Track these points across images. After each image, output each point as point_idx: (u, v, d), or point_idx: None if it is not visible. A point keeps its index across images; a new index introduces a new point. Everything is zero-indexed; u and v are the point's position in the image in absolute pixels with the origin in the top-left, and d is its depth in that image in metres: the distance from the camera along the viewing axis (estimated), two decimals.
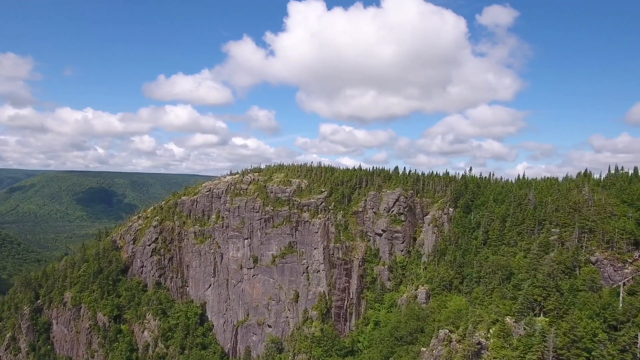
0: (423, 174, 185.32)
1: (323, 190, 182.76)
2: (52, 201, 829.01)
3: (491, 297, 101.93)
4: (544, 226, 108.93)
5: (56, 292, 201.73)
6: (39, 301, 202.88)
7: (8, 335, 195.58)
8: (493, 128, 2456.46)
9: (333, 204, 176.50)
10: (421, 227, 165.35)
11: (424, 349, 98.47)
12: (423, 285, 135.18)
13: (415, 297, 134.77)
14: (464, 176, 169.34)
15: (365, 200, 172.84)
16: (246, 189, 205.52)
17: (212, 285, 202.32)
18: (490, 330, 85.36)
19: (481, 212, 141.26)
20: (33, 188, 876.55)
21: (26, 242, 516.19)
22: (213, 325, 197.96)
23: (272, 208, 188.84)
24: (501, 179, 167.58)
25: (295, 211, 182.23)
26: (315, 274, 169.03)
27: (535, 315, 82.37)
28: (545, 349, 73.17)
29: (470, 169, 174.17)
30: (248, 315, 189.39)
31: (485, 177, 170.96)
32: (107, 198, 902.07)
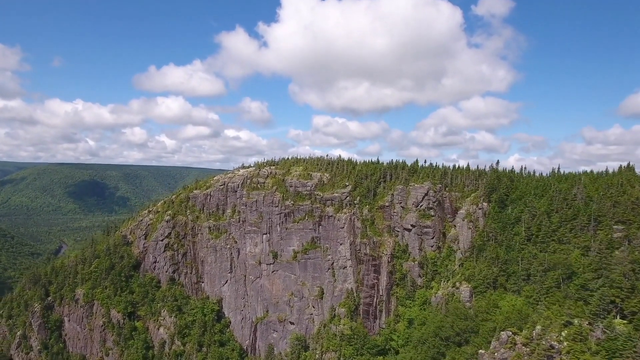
0: (451, 167, 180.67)
1: (347, 184, 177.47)
2: (44, 194, 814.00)
3: (547, 297, 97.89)
4: (600, 222, 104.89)
5: (67, 289, 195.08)
6: (49, 298, 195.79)
7: (19, 333, 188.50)
8: (486, 120, 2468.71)
9: (358, 198, 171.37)
10: (450, 222, 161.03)
11: (482, 351, 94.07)
12: (461, 283, 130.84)
13: (453, 294, 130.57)
14: (495, 169, 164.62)
15: (392, 194, 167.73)
16: (263, 183, 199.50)
17: (228, 281, 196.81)
18: (563, 333, 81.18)
19: (519, 207, 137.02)
20: (24, 181, 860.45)
21: (19, 236, 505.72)
22: (230, 322, 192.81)
23: (292, 202, 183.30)
24: (534, 172, 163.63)
25: (318, 205, 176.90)
26: (342, 270, 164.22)
27: (613, 317, 78.41)
28: (635, 354, 69.28)
29: (497, 163, 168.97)
30: (267, 311, 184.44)
31: (518, 171, 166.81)
32: (100, 191, 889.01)
